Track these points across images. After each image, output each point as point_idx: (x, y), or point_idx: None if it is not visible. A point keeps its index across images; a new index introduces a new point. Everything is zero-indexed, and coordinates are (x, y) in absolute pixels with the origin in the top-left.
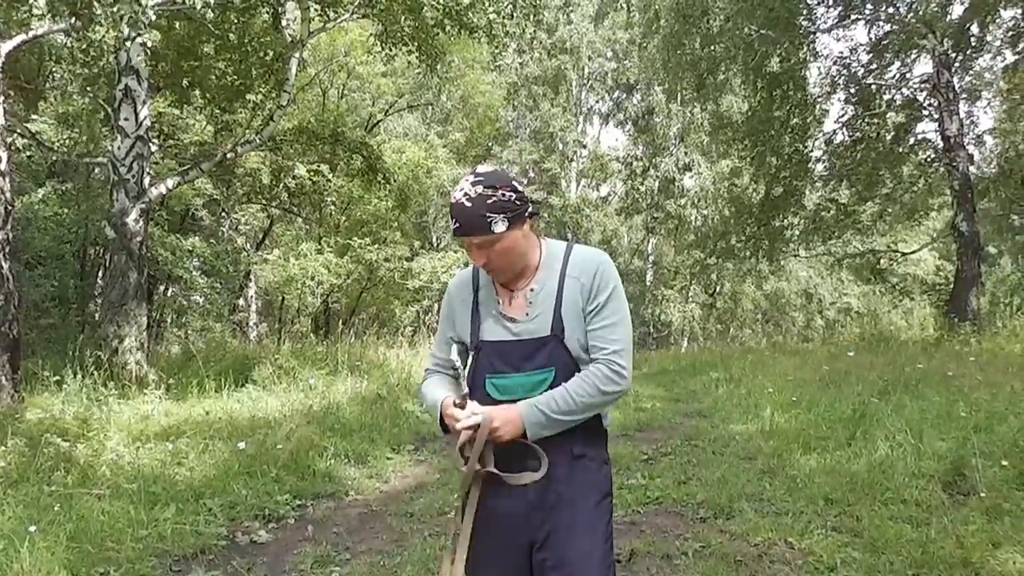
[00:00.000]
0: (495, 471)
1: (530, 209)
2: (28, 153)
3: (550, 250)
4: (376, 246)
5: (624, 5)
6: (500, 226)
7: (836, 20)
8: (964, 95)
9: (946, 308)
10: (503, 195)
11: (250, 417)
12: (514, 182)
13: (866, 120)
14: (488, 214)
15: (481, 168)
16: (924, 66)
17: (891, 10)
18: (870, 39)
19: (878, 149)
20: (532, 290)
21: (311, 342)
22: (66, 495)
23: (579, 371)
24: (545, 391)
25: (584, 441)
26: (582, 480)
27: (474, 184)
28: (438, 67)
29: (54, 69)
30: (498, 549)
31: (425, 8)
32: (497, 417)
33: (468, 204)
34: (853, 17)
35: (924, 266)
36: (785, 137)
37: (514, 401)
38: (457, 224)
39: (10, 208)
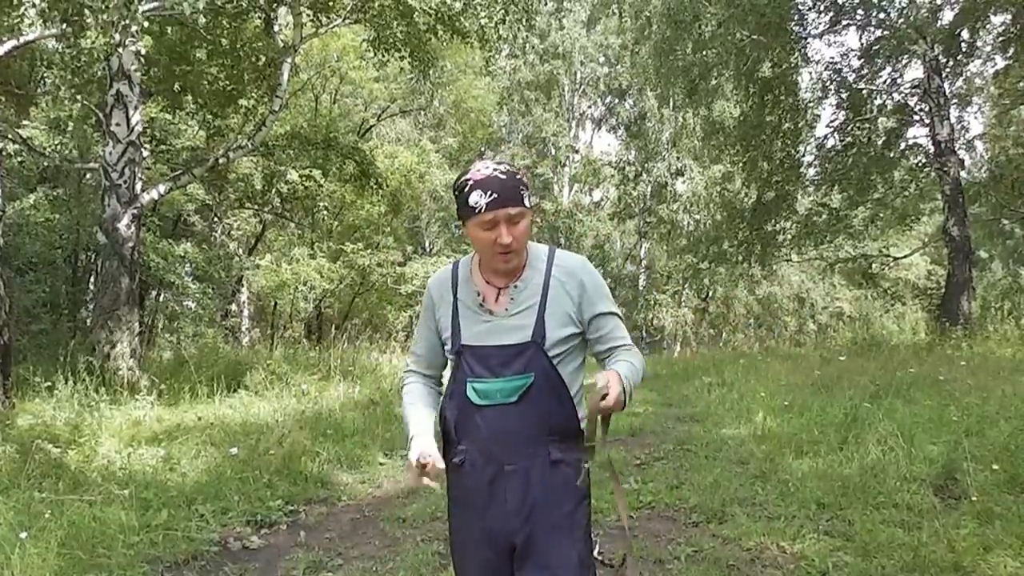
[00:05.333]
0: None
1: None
2: (19, 158)
3: (533, 251)
4: (369, 251)
5: (616, 10)
6: (528, 201)
7: (827, 25)
8: (955, 100)
9: (937, 312)
10: (523, 177)
11: (242, 422)
12: None
13: (857, 125)
14: (520, 188)
15: (491, 157)
16: (915, 71)
17: (882, 16)
18: (861, 44)
19: (869, 154)
20: (516, 287)
21: (303, 347)
22: (57, 501)
23: (558, 376)
24: (524, 395)
25: (562, 446)
26: (560, 485)
27: (499, 163)
28: (431, 72)
29: (45, 74)
30: (482, 552)
31: (417, 13)
32: (611, 382)
33: (503, 176)
34: (844, 22)
35: (916, 271)
36: (777, 142)
37: (492, 406)
38: (494, 195)
39: (1, 214)
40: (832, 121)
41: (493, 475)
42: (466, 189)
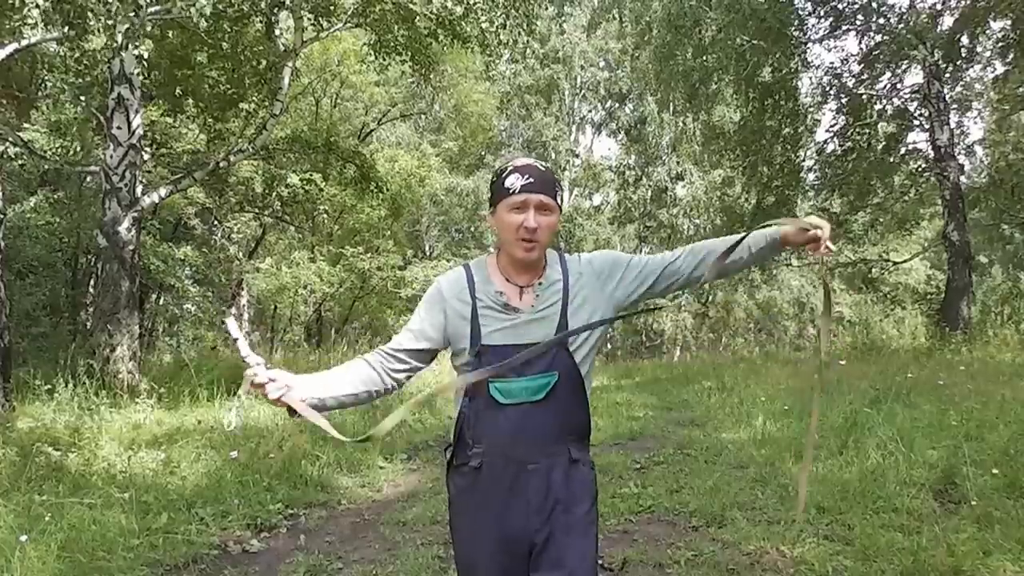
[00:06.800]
0: None
1: None
2: (20, 161)
3: (549, 255)
4: (369, 255)
5: (616, 15)
6: (559, 201)
7: (827, 31)
8: (954, 105)
9: (937, 317)
10: (559, 181)
11: (242, 426)
12: None
13: (857, 130)
14: (556, 185)
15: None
16: (915, 76)
17: (882, 21)
18: (861, 49)
19: (869, 159)
20: (540, 284)
21: (304, 351)
22: (57, 504)
23: (579, 375)
24: (549, 394)
25: (579, 446)
26: (578, 485)
27: (540, 162)
28: (431, 76)
29: (46, 77)
30: (497, 556)
31: (418, 18)
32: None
33: (543, 169)
34: (844, 28)
35: (915, 275)
36: (777, 147)
37: (515, 405)
38: (531, 179)
39: (1, 216)
40: (832, 126)
41: (514, 475)
42: (503, 174)
